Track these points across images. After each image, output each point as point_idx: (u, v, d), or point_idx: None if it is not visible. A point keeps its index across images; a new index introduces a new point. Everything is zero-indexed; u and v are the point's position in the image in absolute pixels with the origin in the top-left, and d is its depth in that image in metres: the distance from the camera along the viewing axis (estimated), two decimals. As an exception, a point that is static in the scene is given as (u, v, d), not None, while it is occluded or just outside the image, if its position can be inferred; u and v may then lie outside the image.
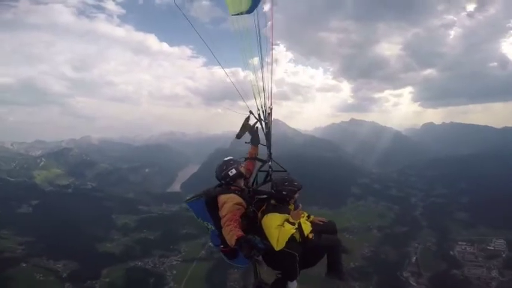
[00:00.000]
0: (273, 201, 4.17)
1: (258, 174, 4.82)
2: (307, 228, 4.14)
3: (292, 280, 4.19)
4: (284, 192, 4.11)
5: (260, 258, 4.00)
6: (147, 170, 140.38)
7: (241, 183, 4.41)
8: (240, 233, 3.72)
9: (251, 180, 4.73)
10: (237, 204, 4.03)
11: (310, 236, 4.10)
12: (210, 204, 4.19)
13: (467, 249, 62.06)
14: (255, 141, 5.10)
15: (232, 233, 3.72)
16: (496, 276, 54.78)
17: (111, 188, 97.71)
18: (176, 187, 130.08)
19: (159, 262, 59.53)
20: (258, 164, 4.95)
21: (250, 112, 4.84)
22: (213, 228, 4.26)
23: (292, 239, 3.90)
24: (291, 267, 4.03)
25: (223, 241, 4.00)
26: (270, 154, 4.88)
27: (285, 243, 3.81)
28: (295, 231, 3.94)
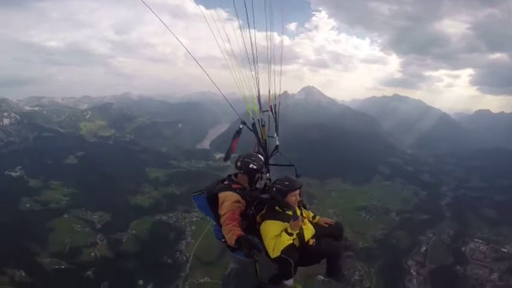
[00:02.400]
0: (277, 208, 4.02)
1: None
2: (308, 233, 4.04)
3: (287, 279, 4.22)
4: (272, 193, 3.98)
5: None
6: (180, 126, 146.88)
7: (246, 181, 4.34)
8: (240, 232, 3.74)
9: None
10: (236, 202, 4.01)
11: (311, 241, 4.01)
12: (210, 200, 4.22)
13: (480, 247, 58.95)
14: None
15: (231, 233, 3.74)
16: (495, 279, 52.60)
17: (147, 142, 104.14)
18: (206, 144, 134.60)
19: (181, 217, 62.68)
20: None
21: (243, 123, 4.50)
22: (215, 223, 4.31)
23: (289, 245, 3.84)
24: (285, 271, 4.01)
25: (225, 237, 4.02)
26: (268, 165, 4.61)
27: (280, 252, 3.79)
28: (294, 238, 3.89)
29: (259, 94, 4.45)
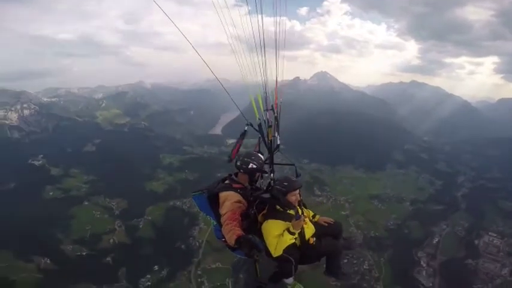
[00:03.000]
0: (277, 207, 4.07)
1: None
2: (309, 231, 4.10)
3: (287, 278, 4.34)
4: (273, 193, 4.02)
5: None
6: (192, 112, 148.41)
7: (247, 181, 4.36)
8: (240, 232, 3.76)
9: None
10: (237, 202, 4.03)
11: (312, 240, 4.08)
12: (211, 200, 4.23)
13: (494, 241, 57.74)
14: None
15: (231, 233, 3.76)
16: (505, 274, 51.65)
17: (161, 129, 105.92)
18: (217, 130, 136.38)
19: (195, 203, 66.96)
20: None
21: (249, 124, 4.52)
22: (215, 223, 4.31)
23: (291, 244, 3.92)
24: (286, 270, 4.08)
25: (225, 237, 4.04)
26: (272, 169, 4.60)
27: (282, 251, 3.87)
28: (296, 238, 3.95)
29: (266, 85, 4.50)
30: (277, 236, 3.83)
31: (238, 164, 4.29)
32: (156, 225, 58.87)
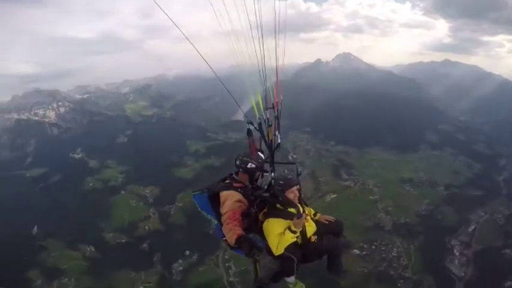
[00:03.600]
0: (277, 205, 4.05)
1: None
2: (310, 229, 4.09)
3: (289, 276, 4.32)
4: (273, 194, 4.00)
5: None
6: (216, 99, 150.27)
7: (247, 180, 4.33)
8: (240, 231, 3.73)
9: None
10: (238, 201, 4.00)
11: (313, 238, 4.08)
12: (212, 199, 4.23)
13: None
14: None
15: (232, 232, 3.74)
16: None
17: (186, 117, 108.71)
18: (240, 116, 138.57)
19: (221, 187, 68.73)
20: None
21: (249, 122, 4.39)
22: (216, 222, 4.28)
23: (292, 243, 3.90)
24: (288, 268, 4.06)
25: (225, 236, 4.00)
26: (273, 169, 4.45)
27: (284, 250, 3.85)
28: (298, 236, 3.93)
29: (265, 80, 4.25)
30: (279, 235, 3.80)
31: (238, 163, 4.26)
32: (186, 212, 61.20)
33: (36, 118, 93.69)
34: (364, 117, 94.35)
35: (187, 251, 53.80)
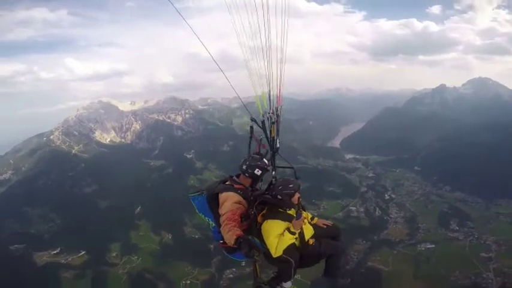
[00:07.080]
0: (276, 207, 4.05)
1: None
2: (308, 233, 4.09)
3: (286, 281, 4.24)
4: (279, 197, 3.93)
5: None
6: (310, 123, 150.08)
7: (249, 183, 4.33)
8: (239, 232, 3.73)
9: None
10: (237, 203, 3.99)
11: (311, 241, 4.07)
12: (211, 200, 4.20)
13: None
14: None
15: (231, 233, 3.71)
16: None
17: (280, 136, 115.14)
18: (336, 143, 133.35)
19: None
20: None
21: (253, 120, 4.50)
22: (214, 224, 4.26)
23: (291, 245, 3.91)
24: (286, 272, 4.06)
25: (223, 237, 3.92)
26: (274, 168, 4.57)
27: (282, 251, 3.84)
28: (296, 238, 3.94)
29: (270, 83, 4.40)
30: (278, 236, 3.80)
31: (244, 168, 4.27)
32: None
33: (169, 120, 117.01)
34: (501, 158, 76.67)
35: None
